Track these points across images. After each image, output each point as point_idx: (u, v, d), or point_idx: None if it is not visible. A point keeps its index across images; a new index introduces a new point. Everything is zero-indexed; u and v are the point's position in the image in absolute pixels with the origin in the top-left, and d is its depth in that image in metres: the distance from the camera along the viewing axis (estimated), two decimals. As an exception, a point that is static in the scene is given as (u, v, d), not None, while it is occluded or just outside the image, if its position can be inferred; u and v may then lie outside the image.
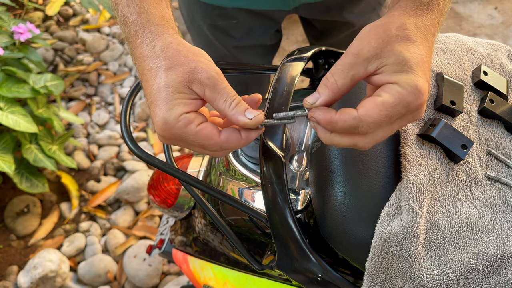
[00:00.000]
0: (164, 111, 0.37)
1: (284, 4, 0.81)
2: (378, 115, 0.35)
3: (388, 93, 0.36)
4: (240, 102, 0.39)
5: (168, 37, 0.40)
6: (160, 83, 0.38)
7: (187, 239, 0.81)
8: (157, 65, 0.39)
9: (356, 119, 0.36)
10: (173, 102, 0.37)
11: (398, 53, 0.36)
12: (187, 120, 0.37)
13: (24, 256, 1.45)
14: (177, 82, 0.38)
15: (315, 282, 0.49)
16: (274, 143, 0.47)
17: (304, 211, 0.51)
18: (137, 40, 0.40)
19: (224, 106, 0.38)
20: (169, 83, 0.38)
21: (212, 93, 0.38)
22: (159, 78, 0.38)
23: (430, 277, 0.40)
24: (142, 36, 0.40)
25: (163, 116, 0.37)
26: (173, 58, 0.38)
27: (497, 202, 0.44)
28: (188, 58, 0.39)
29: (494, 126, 0.50)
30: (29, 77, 1.41)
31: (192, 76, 0.38)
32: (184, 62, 0.38)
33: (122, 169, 1.68)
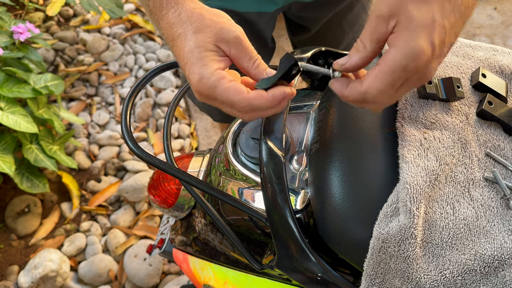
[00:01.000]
0: (199, 67, 0.40)
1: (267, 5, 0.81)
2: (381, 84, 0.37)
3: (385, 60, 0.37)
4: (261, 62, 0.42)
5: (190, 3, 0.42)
6: (191, 45, 0.40)
7: (187, 239, 0.81)
8: (185, 30, 0.41)
9: (362, 93, 0.38)
10: (206, 59, 0.40)
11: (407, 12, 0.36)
12: (220, 75, 0.40)
13: (24, 256, 1.45)
14: (206, 42, 0.41)
15: (314, 281, 0.49)
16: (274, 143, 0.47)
17: (304, 211, 0.51)
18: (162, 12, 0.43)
19: (248, 64, 0.42)
20: (199, 44, 0.40)
21: (237, 52, 0.42)
22: (189, 41, 0.41)
23: (427, 277, 0.40)
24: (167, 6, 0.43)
25: (198, 72, 0.40)
26: (199, 21, 0.41)
27: (495, 203, 0.44)
28: (212, 20, 0.41)
29: (493, 128, 0.50)
30: (29, 77, 1.41)
31: (219, 36, 0.41)
32: (210, 24, 0.41)
33: (122, 169, 1.69)
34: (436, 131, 0.47)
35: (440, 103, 0.50)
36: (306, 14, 0.90)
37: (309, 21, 0.93)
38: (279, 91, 0.41)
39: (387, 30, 0.37)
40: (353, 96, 0.39)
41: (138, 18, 2.19)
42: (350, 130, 0.50)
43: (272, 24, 0.90)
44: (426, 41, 0.36)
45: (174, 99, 0.62)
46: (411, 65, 0.36)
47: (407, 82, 0.38)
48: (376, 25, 0.38)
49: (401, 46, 0.36)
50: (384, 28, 0.37)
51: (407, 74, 0.36)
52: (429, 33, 0.36)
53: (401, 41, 0.36)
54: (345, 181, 0.46)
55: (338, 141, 0.50)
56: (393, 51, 0.36)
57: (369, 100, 0.38)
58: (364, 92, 0.38)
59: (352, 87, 0.39)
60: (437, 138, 0.46)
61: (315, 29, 0.95)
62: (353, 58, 0.40)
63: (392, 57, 0.36)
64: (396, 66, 0.36)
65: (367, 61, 0.40)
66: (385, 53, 0.37)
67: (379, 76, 0.37)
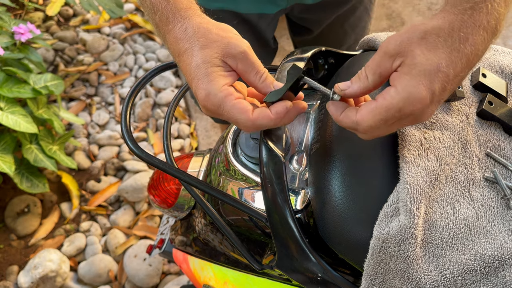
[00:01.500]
0: (206, 83, 0.41)
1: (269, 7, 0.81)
2: (373, 120, 0.38)
3: (383, 98, 0.37)
4: (268, 76, 0.43)
5: (196, 18, 0.43)
6: (198, 60, 0.41)
7: (187, 239, 0.81)
8: (192, 45, 0.42)
9: (354, 123, 0.39)
10: (213, 75, 0.41)
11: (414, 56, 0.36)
12: (227, 91, 0.41)
13: (24, 256, 1.45)
14: (213, 57, 0.41)
15: (315, 281, 0.49)
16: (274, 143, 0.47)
17: (304, 211, 0.51)
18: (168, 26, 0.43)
19: (255, 78, 0.43)
20: (206, 59, 0.41)
21: (244, 66, 0.42)
22: (196, 56, 0.41)
23: (427, 278, 0.40)
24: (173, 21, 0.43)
25: (205, 88, 0.40)
26: (205, 37, 0.42)
27: (495, 203, 0.44)
28: (219, 35, 0.42)
29: (493, 128, 0.50)
30: (29, 77, 1.41)
31: (226, 51, 0.41)
32: (217, 39, 0.42)
33: (122, 169, 1.69)
34: (436, 131, 0.47)
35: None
36: (308, 16, 0.90)
37: (311, 23, 0.93)
38: (281, 107, 0.41)
39: (391, 67, 0.38)
40: (345, 123, 0.41)
41: (138, 18, 2.19)
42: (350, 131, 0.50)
43: (273, 25, 0.90)
44: (426, 89, 0.36)
45: (174, 99, 0.62)
46: (407, 109, 0.36)
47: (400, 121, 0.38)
48: (381, 60, 0.38)
49: (400, 89, 0.36)
50: (388, 64, 0.38)
51: (401, 115, 0.37)
52: (431, 81, 0.36)
53: (401, 84, 0.36)
54: (345, 181, 0.46)
55: (338, 141, 0.50)
56: (392, 91, 0.37)
57: (360, 130, 0.40)
58: (356, 122, 0.39)
59: (346, 115, 0.40)
60: (437, 138, 0.46)
61: (317, 31, 0.95)
62: (354, 86, 0.40)
63: (390, 98, 0.37)
64: (391, 107, 0.37)
65: (367, 91, 0.40)
66: (385, 91, 0.38)
67: (373, 111, 0.37)
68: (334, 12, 0.89)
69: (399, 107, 0.36)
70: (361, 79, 0.40)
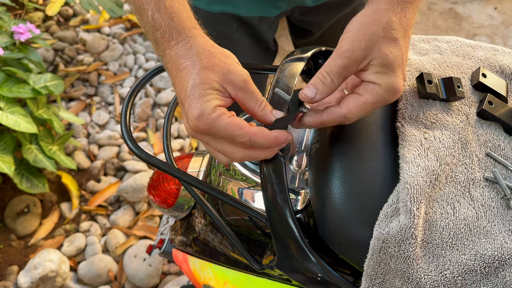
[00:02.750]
0: (201, 103, 0.40)
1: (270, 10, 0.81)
2: (360, 113, 0.43)
3: (370, 94, 0.42)
4: (267, 104, 0.44)
5: (202, 39, 0.43)
6: (197, 80, 0.41)
7: (187, 239, 0.81)
8: (194, 64, 0.41)
9: (342, 117, 0.43)
10: (209, 96, 0.41)
11: (383, 56, 0.42)
12: (221, 111, 0.41)
13: (24, 256, 1.45)
14: (213, 80, 0.41)
15: (315, 282, 0.49)
16: (274, 144, 0.47)
17: (304, 211, 0.51)
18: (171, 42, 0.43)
19: (254, 106, 0.43)
20: (205, 80, 0.41)
21: (243, 95, 0.42)
22: (195, 75, 0.41)
23: (427, 278, 0.40)
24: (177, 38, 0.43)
25: (200, 107, 0.40)
26: (208, 59, 0.42)
27: (495, 203, 0.44)
28: (221, 60, 0.42)
29: (493, 128, 0.50)
30: (29, 77, 1.41)
31: (227, 78, 0.42)
32: (219, 64, 0.42)
33: (122, 169, 1.69)
34: (437, 131, 0.47)
35: (440, 103, 0.50)
36: (309, 18, 0.90)
37: (312, 26, 0.93)
38: (282, 135, 0.43)
39: (356, 69, 0.43)
40: (332, 119, 0.44)
41: (138, 18, 2.19)
42: (350, 130, 0.50)
43: (274, 28, 0.89)
44: (401, 77, 0.43)
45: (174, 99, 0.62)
46: (390, 99, 0.43)
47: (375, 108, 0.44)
48: (347, 65, 0.42)
49: (384, 86, 0.42)
50: (354, 67, 0.42)
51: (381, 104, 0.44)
52: (402, 70, 0.43)
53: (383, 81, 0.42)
54: (345, 181, 0.46)
55: (338, 141, 0.50)
56: (377, 89, 0.42)
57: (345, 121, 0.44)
58: (344, 116, 0.43)
59: (332, 112, 0.44)
60: (437, 138, 0.46)
61: (318, 33, 0.94)
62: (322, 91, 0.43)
63: (376, 94, 0.42)
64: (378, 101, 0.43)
65: (331, 93, 0.44)
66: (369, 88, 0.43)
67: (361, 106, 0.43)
68: (335, 15, 0.89)
69: (385, 100, 0.43)
70: (327, 84, 0.43)
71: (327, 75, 0.42)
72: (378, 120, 0.51)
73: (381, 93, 0.42)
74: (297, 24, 0.95)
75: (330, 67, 0.42)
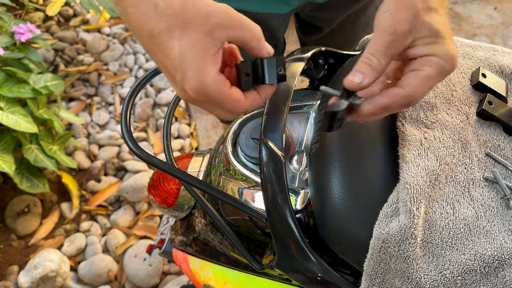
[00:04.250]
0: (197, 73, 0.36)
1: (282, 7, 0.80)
2: (425, 88, 0.39)
3: (429, 66, 0.39)
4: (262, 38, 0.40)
5: None
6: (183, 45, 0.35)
7: (187, 239, 0.81)
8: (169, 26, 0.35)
9: (407, 98, 0.39)
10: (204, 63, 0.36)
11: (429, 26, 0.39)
12: (221, 82, 0.37)
13: (24, 256, 1.45)
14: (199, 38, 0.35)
15: (315, 281, 0.49)
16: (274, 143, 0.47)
17: (304, 211, 0.51)
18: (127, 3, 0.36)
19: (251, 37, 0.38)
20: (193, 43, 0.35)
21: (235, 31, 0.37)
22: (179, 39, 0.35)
23: (427, 277, 0.40)
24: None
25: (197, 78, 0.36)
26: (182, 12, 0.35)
27: (495, 203, 0.44)
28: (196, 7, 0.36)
29: (493, 128, 0.50)
30: (29, 77, 1.41)
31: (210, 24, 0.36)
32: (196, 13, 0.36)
33: (122, 169, 1.69)
34: (437, 130, 0.47)
35: (440, 103, 0.50)
36: (320, 14, 0.89)
37: (322, 22, 0.93)
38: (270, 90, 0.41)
39: (403, 45, 0.39)
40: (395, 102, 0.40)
41: (138, 18, 2.19)
42: (351, 130, 0.50)
43: (285, 25, 0.89)
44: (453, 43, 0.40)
45: (174, 99, 0.62)
46: (451, 68, 0.39)
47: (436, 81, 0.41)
48: (392, 41, 0.39)
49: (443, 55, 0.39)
50: (401, 44, 0.39)
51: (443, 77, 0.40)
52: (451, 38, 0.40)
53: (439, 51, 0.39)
54: (345, 181, 0.46)
55: (338, 141, 0.50)
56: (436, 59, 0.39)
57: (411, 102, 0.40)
58: (408, 97, 0.39)
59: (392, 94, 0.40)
60: (437, 137, 0.46)
61: (327, 29, 0.94)
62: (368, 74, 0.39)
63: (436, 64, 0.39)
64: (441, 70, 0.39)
65: (379, 76, 0.40)
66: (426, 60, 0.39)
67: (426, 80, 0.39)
68: (346, 11, 0.89)
69: (446, 70, 0.39)
70: (373, 66, 0.39)
71: (372, 57, 0.39)
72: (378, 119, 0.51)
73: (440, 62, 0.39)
74: (306, 21, 0.94)
75: (374, 47, 0.39)
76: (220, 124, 1.72)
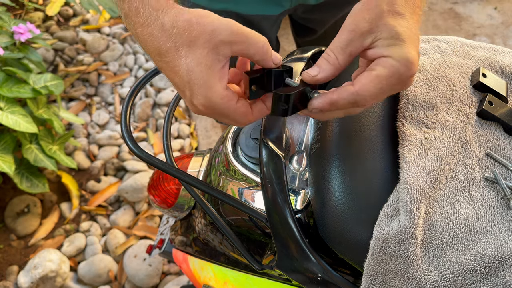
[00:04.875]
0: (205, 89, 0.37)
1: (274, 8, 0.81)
2: (374, 88, 0.38)
3: (382, 67, 0.38)
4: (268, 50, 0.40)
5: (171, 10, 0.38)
6: (189, 63, 0.37)
7: (187, 239, 0.81)
8: (176, 44, 0.37)
9: (354, 94, 0.39)
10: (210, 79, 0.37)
11: (391, 28, 0.38)
12: (228, 98, 0.38)
13: (24, 256, 1.45)
14: (204, 55, 0.37)
15: (315, 282, 0.49)
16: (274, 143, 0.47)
17: (304, 211, 0.51)
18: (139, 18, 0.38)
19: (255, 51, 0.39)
20: (199, 60, 0.37)
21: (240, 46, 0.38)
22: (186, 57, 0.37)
23: (427, 278, 0.40)
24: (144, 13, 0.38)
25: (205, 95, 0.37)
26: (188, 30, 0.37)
27: (495, 203, 0.44)
28: (200, 24, 0.37)
29: (493, 128, 0.50)
30: (29, 77, 1.41)
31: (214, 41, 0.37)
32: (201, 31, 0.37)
33: (122, 169, 1.69)
34: (437, 130, 0.47)
35: (441, 102, 0.50)
36: (312, 16, 0.89)
37: (315, 23, 0.93)
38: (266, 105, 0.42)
39: (361, 45, 0.39)
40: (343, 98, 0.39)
41: (138, 18, 2.19)
42: (350, 130, 0.50)
43: (277, 26, 0.89)
44: (415, 49, 0.39)
45: (174, 99, 0.62)
46: (406, 73, 0.38)
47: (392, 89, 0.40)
48: (351, 39, 0.39)
49: (397, 57, 0.38)
50: (359, 42, 0.39)
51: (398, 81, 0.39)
52: (415, 45, 0.39)
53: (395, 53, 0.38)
54: (345, 181, 0.46)
55: (338, 141, 0.50)
56: (390, 60, 0.38)
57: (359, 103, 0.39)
58: (356, 93, 0.39)
59: (341, 91, 0.39)
60: (437, 137, 0.46)
61: (321, 31, 0.94)
62: (326, 69, 0.40)
63: (389, 66, 0.38)
64: (392, 74, 0.38)
65: (337, 73, 0.40)
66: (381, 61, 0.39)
67: (375, 81, 0.38)
68: (338, 12, 0.89)
69: (400, 73, 0.38)
70: (331, 61, 0.40)
71: (331, 52, 0.40)
72: (378, 119, 0.51)
73: (394, 64, 0.38)
74: (299, 22, 0.94)
75: (334, 44, 0.40)
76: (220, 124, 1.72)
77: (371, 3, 0.39)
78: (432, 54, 0.56)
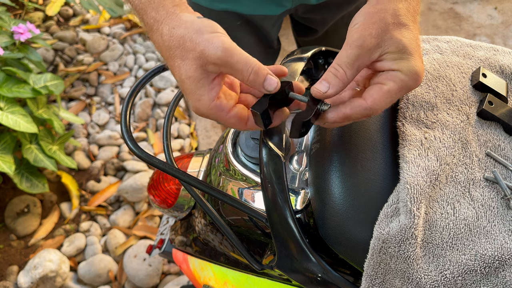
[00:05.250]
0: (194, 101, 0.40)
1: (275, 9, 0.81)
2: (385, 102, 0.41)
3: (393, 82, 0.40)
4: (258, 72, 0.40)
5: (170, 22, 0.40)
6: (181, 75, 0.40)
7: (187, 239, 0.81)
8: (172, 55, 0.40)
9: (367, 110, 0.41)
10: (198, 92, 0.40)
11: (397, 41, 0.40)
12: (217, 109, 0.40)
13: (24, 256, 1.45)
14: (193, 69, 0.39)
15: (315, 282, 0.49)
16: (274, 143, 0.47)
17: (304, 211, 0.51)
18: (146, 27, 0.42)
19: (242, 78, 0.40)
20: (188, 74, 0.39)
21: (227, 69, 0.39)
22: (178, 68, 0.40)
23: (428, 278, 0.40)
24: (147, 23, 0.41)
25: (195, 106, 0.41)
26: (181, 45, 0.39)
27: (495, 203, 0.44)
28: (192, 41, 0.39)
29: (493, 128, 0.50)
30: (29, 77, 1.41)
31: (203, 60, 0.39)
32: (192, 48, 0.39)
33: (122, 169, 1.69)
34: (437, 130, 0.47)
35: (441, 103, 0.50)
36: (313, 16, 0.89)
37: (316, 23, 0.93)
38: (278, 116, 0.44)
39: (369, 59, 0.41)
40: (357, 113, 0.41)
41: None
42: (351, 130, 0.50)
43: (278, 26, 0.89)
44: (420, 60, 0.41)
45: (174, 99, 0.62)
46: (414, 85, 0.41)
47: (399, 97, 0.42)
48: (358, 54, 0.40)
49: (406, 70, 0.40)
50: (367, 57, 0.40)
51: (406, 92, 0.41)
52: (419, 55, 0.41)
53: (404, 66, 0.40)
54: (345, 181, 0.46)
55: (338, 141, 0.50)
56: (399, 74, 0.40)
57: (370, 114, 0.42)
58: (369, 108, 0.41)
59: (354, 105, 0.41)
60: (437, 137, 0.46)
61: (322, 31, 0.94)
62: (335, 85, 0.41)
63: (399, 80, 0.40)
64: (403, 86, 0.40)
65: (345, 87, 0.41)
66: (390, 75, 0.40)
67: (386, 95, 0.40)
68: (339, 12, 0.89)
69: (409, 86, 0.40)
70: (339, 76, 0.41)
71: (339, 67, 0.41)
72: (378, 119, 0.51)
73: (403, 78, 0.40)
74: (300, 22, 0.94)
75: (342, 59, 0.41)
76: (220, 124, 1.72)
77: (376, 16, 0.40)
78: (432, 54, 0.56)
